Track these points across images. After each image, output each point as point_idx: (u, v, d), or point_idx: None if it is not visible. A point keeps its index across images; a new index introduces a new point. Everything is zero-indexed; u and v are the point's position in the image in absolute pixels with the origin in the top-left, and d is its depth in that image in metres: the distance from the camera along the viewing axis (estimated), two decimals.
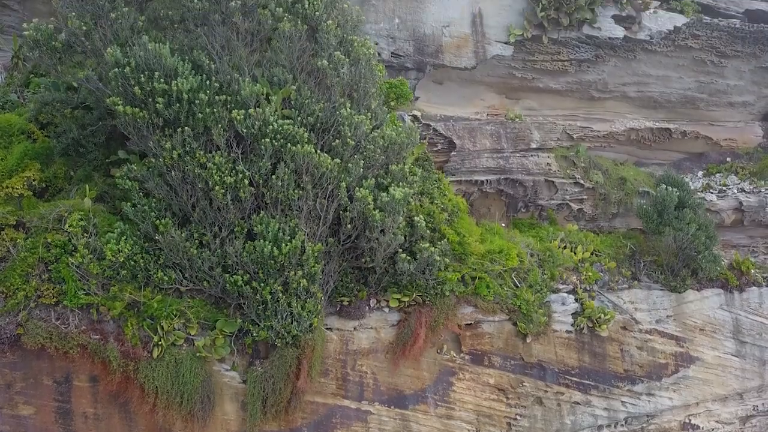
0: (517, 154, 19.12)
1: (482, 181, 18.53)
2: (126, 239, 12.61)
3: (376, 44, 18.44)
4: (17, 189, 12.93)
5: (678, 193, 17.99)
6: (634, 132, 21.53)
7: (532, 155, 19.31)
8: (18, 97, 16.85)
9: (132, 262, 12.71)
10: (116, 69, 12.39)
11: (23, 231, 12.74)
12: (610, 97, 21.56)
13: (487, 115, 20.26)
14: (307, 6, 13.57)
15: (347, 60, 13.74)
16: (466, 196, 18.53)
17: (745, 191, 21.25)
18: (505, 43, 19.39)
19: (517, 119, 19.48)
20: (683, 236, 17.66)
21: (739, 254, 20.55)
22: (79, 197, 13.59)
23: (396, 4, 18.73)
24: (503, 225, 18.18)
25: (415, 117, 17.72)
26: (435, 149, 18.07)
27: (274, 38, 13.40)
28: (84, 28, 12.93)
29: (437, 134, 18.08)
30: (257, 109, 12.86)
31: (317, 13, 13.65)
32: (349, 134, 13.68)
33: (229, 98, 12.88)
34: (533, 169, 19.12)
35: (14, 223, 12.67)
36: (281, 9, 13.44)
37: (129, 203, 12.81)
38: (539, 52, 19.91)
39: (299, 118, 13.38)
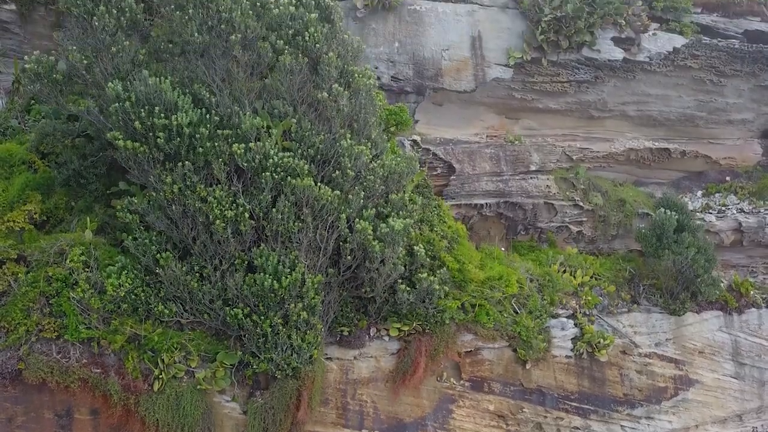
0: (517, 177, 19.15)
1: (482, 205, 18.57)
2: (127, 273, 12.66)
3: (376, 68, 18.59)
4: (18, 223, 12.98)
5: (677, 217, 18.03)
6: (634, 152, 21.58)
7: (531, 177, 19.35)
8: (19, 123, 16.91)
9: (133, 296, 12.76)
10: (117, 104, 12.43)
11: (24, 264, 12.78)
12: (610, 116, 21.62)
13: (487, 136, 20.30)
14: (307, 38, 13.61)
15: (347, 93, 13.77)
16: (465, 219, 18.58)
17: (744, 212, 21.29)
18: (505, 65, 19.45)
19: (516, 142, 19.53)
20: (682, 260, 17.70)
21: (738, 275, 20.59)
22: (80, 229, 13.65)
23: (396, 27, 18.78)
24: (503, 248, 18.20)
25: (414, 142, 17.77)
26: (435, 173, 18.12)
27: (275, 71, 13.43)
28: (85, 62, 12.97)
29: (437, 158, 18.13)
30: (258, 142, 12.90)
31: (318, 45, 13.69)
32: (349, 165, 13.73)
33: (229, 132, 12.92)
34: (533, 191, 19.15)
35: (15, 257, 12.72)
36: (282, 42, 13.49)
37: (130, 237, 12.84)
38: (539, 73, 19.97)
39: (299, 151, 13.42)
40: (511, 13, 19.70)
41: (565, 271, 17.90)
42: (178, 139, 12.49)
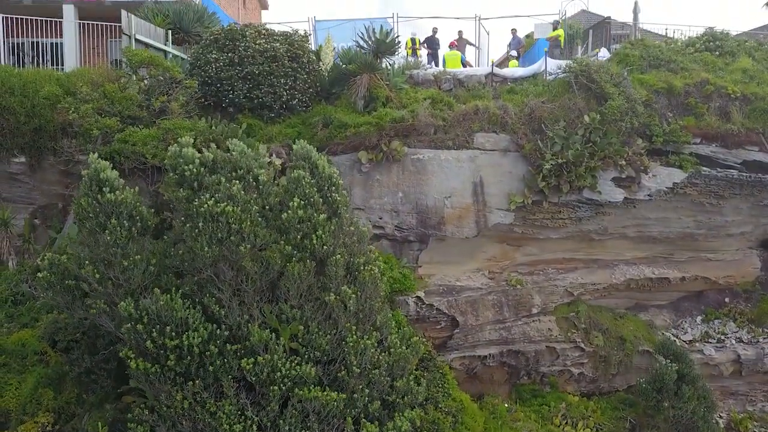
0: (519, 322, 19.41)
1: (485, 356, 18.82)
2: None
3: (380, 218, 18.85)
4: None
5: (676, 368, 18.30)
6: (634, 281, 21.84)
7: (533, 321, 19.61)
8: (29, 288, 17.09)
9: None
10: (129, 324, 12.70)
11: None
12: (610, 238, 21.89)
13: (489, 271, 20.55)
14: (315, 241, 13.84)
15: (354, 294, 14.02)
16: (469, 369, 18.85)
17: (743, 341, 21.56)
18: (506, 210, 19.63)
19: (518, 285, 19.75)
20: (683, 413, 17.96)
21: (737, 406, 20.88)
22: (91, 427, 13.90)
23: (400, 178, 19.00)
24: (506, 402, 18.44)
25: (418, 298, 18.03)
26: (438, 326, 18.37)
27: (283, 277, 13.66)
28: (97, 275, 13.23)
29: (440, 313, 18.37)
30: (266, 355, 13.15)
31: (325, 247, 13.94)
32: (355, 362, 13.95)
33: (238, 346, 13.17)
34: (535, 336, 19.41)
35: None
36: (290, 247, 13.74)
37: None
38: (540, 212, 20.20)
39: (306, 354, 13.67)
40: (512, 156, 19.90)
41: (567, 423, 18.17)
42: (189, 357, 12.75)
